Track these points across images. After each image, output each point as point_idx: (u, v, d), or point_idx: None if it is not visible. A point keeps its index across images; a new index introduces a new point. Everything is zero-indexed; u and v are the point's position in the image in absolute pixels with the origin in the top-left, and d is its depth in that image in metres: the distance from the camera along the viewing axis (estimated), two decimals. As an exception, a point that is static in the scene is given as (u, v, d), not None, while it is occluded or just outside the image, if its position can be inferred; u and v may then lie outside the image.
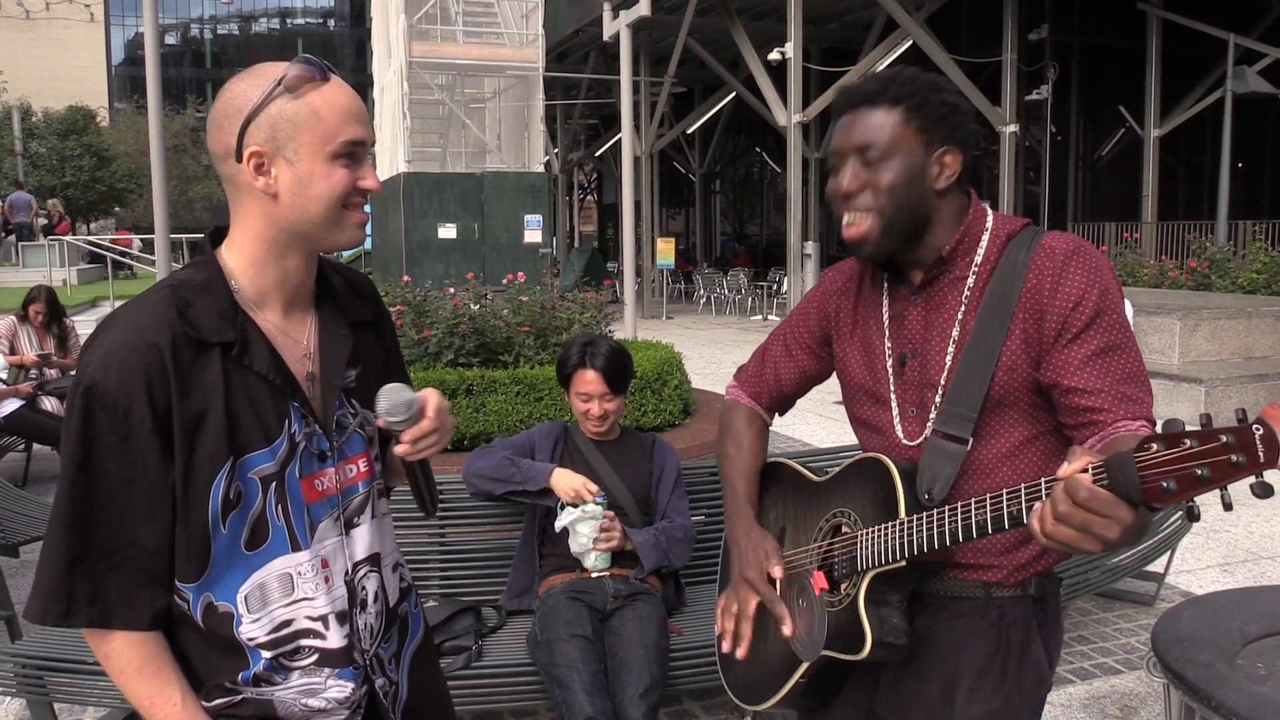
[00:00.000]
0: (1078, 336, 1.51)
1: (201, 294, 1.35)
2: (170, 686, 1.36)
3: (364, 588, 1.50)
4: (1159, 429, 1.20)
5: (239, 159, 1.34)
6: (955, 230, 1.63)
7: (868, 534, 1.59)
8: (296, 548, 1.40)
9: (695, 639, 2.99)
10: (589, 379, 3.12)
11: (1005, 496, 1.40)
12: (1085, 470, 1.24)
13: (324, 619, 1.43)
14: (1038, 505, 1.30)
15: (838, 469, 1.74)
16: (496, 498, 3.13)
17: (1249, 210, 18.90)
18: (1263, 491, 1.13)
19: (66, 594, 1.30)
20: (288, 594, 1.41)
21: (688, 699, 3.55)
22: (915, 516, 1.52)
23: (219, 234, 1.44)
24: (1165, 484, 1.16)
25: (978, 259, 1.62)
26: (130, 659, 1.35)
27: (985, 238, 1.63)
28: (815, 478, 1.79)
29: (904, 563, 1.54)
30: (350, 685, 1.46)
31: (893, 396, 1.69)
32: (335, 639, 1.44)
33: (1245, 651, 2.43)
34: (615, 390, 3.13)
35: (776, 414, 1.98)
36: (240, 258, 1.40)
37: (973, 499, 1.45)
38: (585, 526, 2.97)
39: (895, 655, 1.60)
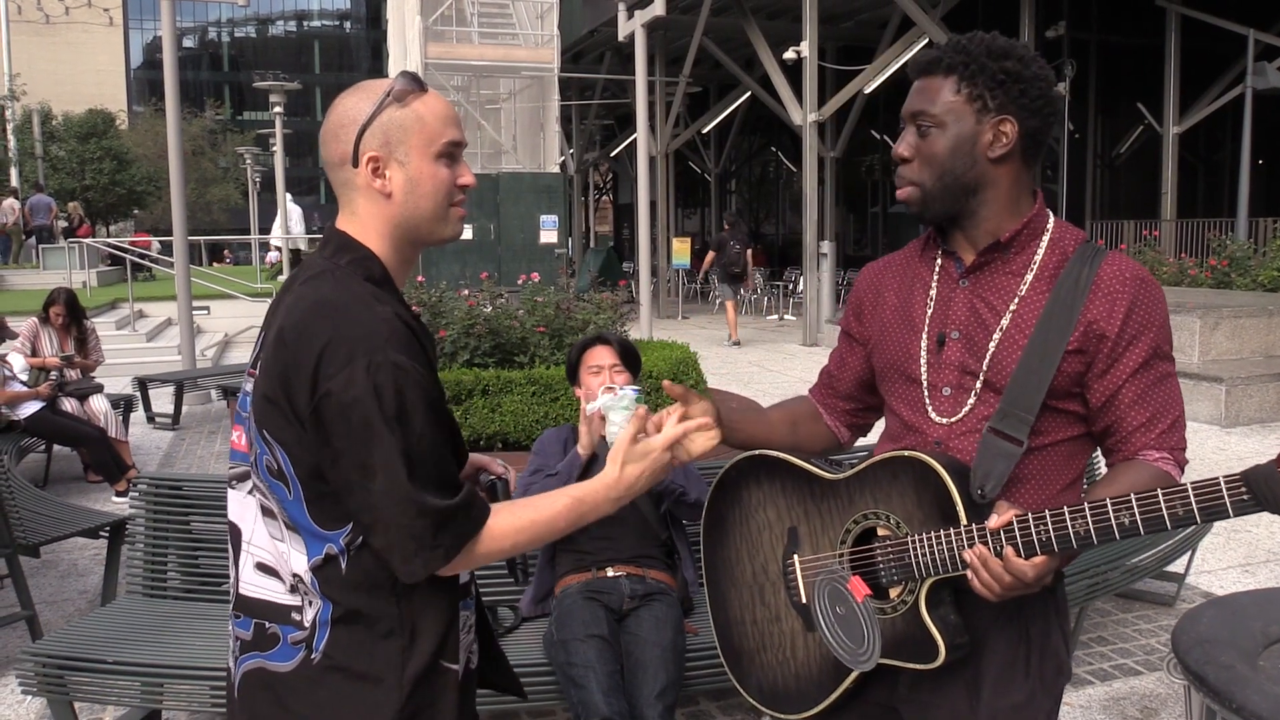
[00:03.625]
0: (1130, 369, 1.58)
1: (388, 291, 1.48)
2: (549, 497, 1.51)
3: None
4: None
5: (355, 164, 1.47)
6: (1013, 217, 1.64)
7: (924, 540, 1.55)
8: None
9: (711, 639, 2.98)
10: (599, 351, 3.15)
11: (1091, 510, 1.41)
12: (1010, 524, 1.45)
13: None
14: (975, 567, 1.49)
15: (856, 466, 1.68)
16: None
17: (1269, 207, 18.71)
18: None
19: (433, 535, 1.39)
20: None
21: (704, 699, 3.54)
22: (982, 528, 1.49)
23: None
24: None
25: (1037, 259, 1.64)
26: (510, 526, 1.46)
27: (1045, 239, 1.65)
28: (827, 474, 1.71)
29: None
30: (469, 613, 1.61)
31: (924, 374, 1.69)
32: (464, 575, 1.58)
33: (1267, 653, 2.41)
34: (626, 365, 3.14)
35: (857, 420, 1.93)
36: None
37: (1048, 510, 1.45)
38: (619, 415, 2.92)
39: (963, 653, 1.59)
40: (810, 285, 15.12)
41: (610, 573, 3.03)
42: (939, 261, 1.72)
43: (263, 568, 1.49)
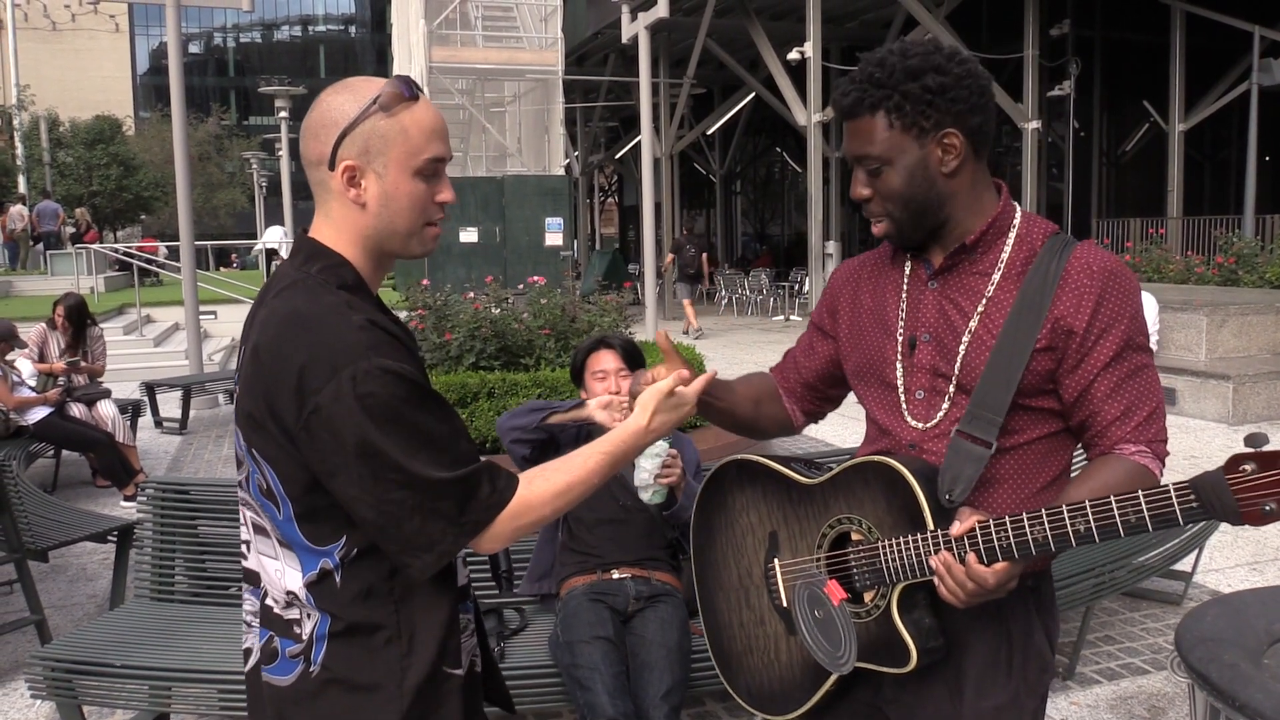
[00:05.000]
0: (1102, 363, 1.56)
1: (363, 296, 1.45)
2: (580, 456, 1.49)
3: None
4: (1244, 445, 1.27)
5: (331, 168, 1.42)
6: (979, 216, 1.63)
7: (894, 545, 1.56)
8: None
9: (717, 640, 2.98)
10: (604, 356, 3.15)
11: (1049, 517, 1.42)
12: (973, 530, 1.46)
13: (462, 558, 1.57)
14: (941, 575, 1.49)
15: (830, 472, 1.69)
16: (530, 441, 3.01)
17: (1276, 204, 18.67)
18: None
19: (458, 510, 1.37)
20: None
21: (710, 700, 3.54)
22: (947, 534, 1.50)
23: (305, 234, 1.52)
24: (1267, 506, 1.22)
25: (1004, 256, 1.62)
26: (548, 491, 1.45)
27: (1011, 235, 1.64)
28: (803, 479, 1.73)
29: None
30: (469, 617, 1.59)
31: (899, 379, 1.69)
32: (462, 577, 1.57)
33: (1271, 651, 2.40)
34: (631, 368, 3.14)
35: (813, 408, 1.95)
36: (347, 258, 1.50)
37: (1008, 516, 1.46)
38: (648, 461, 2.90)
39: (938, 656, 1.59)
40: (815, 285, 15.12)
41: (615, 575, 3.03)
42: (908, 264, 1.72)
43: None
